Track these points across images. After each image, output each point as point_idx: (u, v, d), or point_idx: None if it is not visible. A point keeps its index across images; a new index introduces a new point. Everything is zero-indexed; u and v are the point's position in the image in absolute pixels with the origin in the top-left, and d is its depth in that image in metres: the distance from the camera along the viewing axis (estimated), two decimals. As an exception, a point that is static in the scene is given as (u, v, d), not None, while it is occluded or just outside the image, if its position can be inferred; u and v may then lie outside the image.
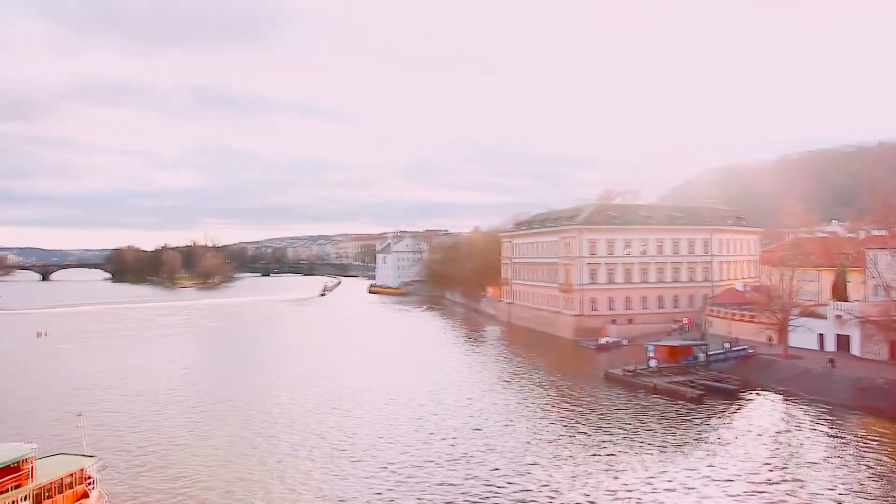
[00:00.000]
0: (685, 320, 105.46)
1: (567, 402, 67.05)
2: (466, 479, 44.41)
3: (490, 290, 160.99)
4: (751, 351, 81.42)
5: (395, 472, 46.09)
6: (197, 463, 48.80)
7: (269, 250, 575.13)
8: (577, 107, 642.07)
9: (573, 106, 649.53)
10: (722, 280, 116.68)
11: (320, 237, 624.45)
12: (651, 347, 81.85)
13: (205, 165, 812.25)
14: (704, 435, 54.95)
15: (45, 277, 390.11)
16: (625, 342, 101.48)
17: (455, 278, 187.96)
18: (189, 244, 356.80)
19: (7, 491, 36.48)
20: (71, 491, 39.62)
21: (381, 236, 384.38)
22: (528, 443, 52.66)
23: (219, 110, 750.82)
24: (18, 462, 37.69)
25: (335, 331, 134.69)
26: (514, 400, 68.89)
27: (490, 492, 42.33)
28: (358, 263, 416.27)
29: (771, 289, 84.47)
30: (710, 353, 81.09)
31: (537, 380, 79.50)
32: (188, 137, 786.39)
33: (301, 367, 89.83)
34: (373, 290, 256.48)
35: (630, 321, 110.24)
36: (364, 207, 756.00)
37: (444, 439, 53.72)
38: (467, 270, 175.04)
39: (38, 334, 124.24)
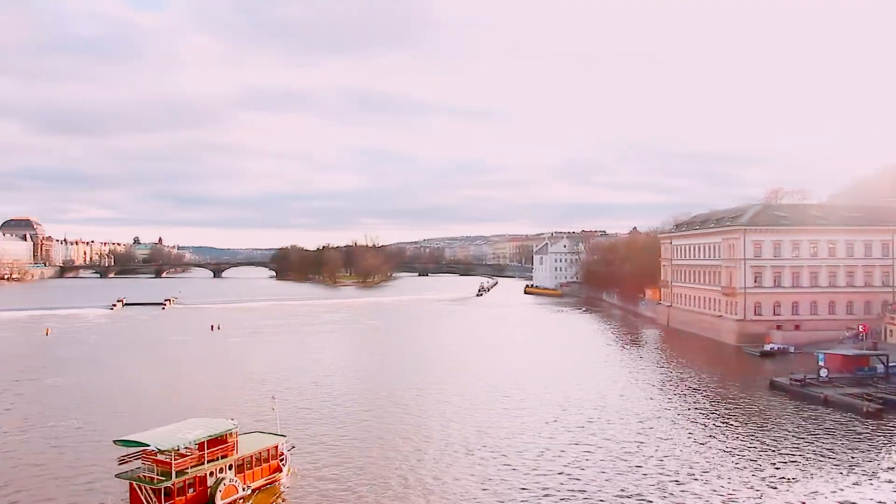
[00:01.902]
0: (861, 328, 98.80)
1: (730, 411, 64.93)
2: (626, 488, 43.66)
3: (649, 293, 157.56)
4: (939, 364, 75.13)
5: (555, 476, 45.83)
6: (371, 450, 51.72)
7: (427, 250, 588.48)
8: (739, 102, 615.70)
9: (735, 101, 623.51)
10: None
11: (477, 237, 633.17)
12: (821, 356, 77.38)
13: (363, 167, 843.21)
14: (885, 455, 50.47)
15: (216, 274, 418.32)
16: (791, 349, 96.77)
17: (612, 280, 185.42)
18: (349, 244, 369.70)
19: (216, 459, 41.38)
20: (266, 465, 44.16)
21: (538, 237, 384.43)
22: (690, 453, 51.04)
23: (376, 113, 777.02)
24: (225, 435, 42.64)
25: (492, 330, 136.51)
26: (675, 406, 67.32)
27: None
28: (514, 264, 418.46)
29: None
30: (891, 364, 75.59)
31: (698, 386, 77.25)
32: (347, 140, 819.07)
33: (461, 364, 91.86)
34: (529, 291, 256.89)
35: (797, 327, 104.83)
36: (520, 208, 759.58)
37: (604, 445, 53.06)
38: (625, 272, 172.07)
39: (212, 328, 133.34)
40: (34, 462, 49.01)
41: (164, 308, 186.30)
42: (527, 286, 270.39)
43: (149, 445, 39.84)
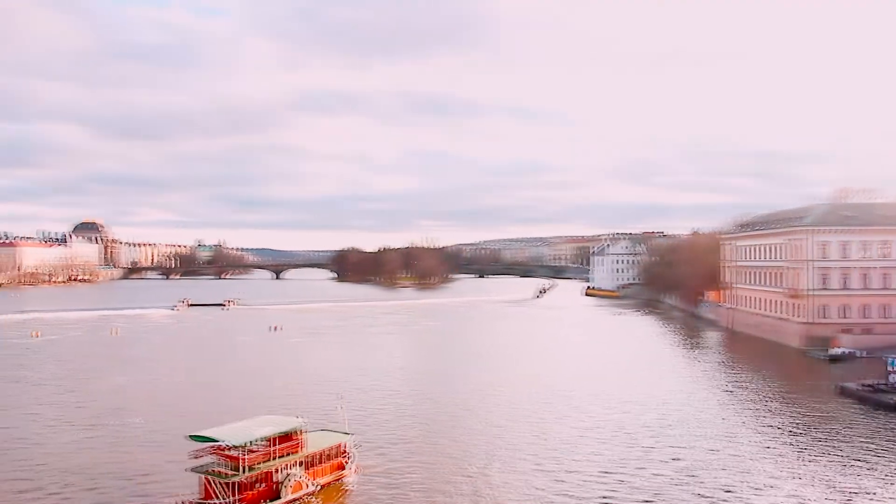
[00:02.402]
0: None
1: (797, 417, 63.34)
2: (689, 497, 42.76)
3: (710, 295, 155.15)
4: None
5: (619, 484, 44.98)
6: (435, 450, 52.37)
7: (485, 252, 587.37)
8: (803, 98, 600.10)
9: (798, 98, 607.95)
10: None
11: (535, 239, 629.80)
12: (893, 361, 74.84)
13: (420, 169, 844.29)
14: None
15: (277, 276, 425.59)
16: (860, 354, 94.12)
17: (673, 282, 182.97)
18: (408, 245, 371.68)
19: (284, 456, 42.54)
20: (333, 462, 45.24)
21: (597, 238, 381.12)
22: (756, 460, 49.70)
23: (431, 115, 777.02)
24: (293, 432, 43.98)
25: (551, 332, 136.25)
26: (738, 412, 66.22)
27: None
28: (573, 265, 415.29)
29: None
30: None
31: (762, 390, 75.89)
32: (404, 142, 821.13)
33: (523, 366, 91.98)
34: (588, 293, 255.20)
35: (867, 331, 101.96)
36: (578, 209, 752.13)
37: (666, 451, 52.31)
38: (686, 274, 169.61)
39: (272, 328, 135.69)
40: (108, 458, 50.78)
41: (225, 309, 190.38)
42: (586, 288, 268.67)
43: (220, 441, 41.22)
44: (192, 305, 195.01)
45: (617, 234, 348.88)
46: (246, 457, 40.51)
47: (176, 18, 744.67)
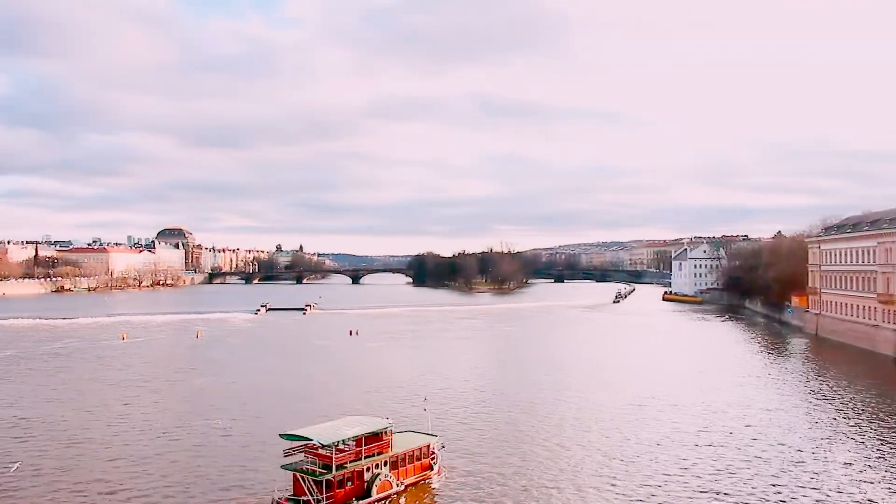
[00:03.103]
0: None
1: (891, 431, 60.55)
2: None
3: (795, 300, 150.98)
4: None
5: (713, 497, 43.99)
6: (520, 454, 52.45)
7: (562, 256, 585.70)
8: (892, 96, 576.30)
9: (886, 95, 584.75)
10: None
11: (613, 243, 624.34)
12: None
13: (497, 174, 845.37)
14: None
15: (355, 281, 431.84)
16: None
17: (755, 287, 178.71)
18: (485, 250, 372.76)
19: (373, 455, 43.84)
20: (418, 463, 46.21)
21: (676, 242, 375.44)
22: (846, 477, 47.69)
23: (507, 119, 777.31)
24: (381, 433, 45.22)
25: (631, 338, 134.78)
26: (826, 424, 63.55)
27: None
28: (652, 270, 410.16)
29: None
30: None
31: (852, 401, 73.14)
32: (480, 147, 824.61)
33: (604, 372, 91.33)
34: (667, 298, 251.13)
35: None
36: (657, 212, 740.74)
37: (749, 463, 50.95)
38: (769, 278, 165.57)
39: (350, 333, 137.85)
40: (199, 456, 52.71)
41: (305, 313, 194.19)
42: (665, 293, 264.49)
43: (312, 440, 42.70)
44: (272, 310, 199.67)
45: (697, 237, 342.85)
46: (336, 456, 41.84)
47: (253, 30, 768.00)
